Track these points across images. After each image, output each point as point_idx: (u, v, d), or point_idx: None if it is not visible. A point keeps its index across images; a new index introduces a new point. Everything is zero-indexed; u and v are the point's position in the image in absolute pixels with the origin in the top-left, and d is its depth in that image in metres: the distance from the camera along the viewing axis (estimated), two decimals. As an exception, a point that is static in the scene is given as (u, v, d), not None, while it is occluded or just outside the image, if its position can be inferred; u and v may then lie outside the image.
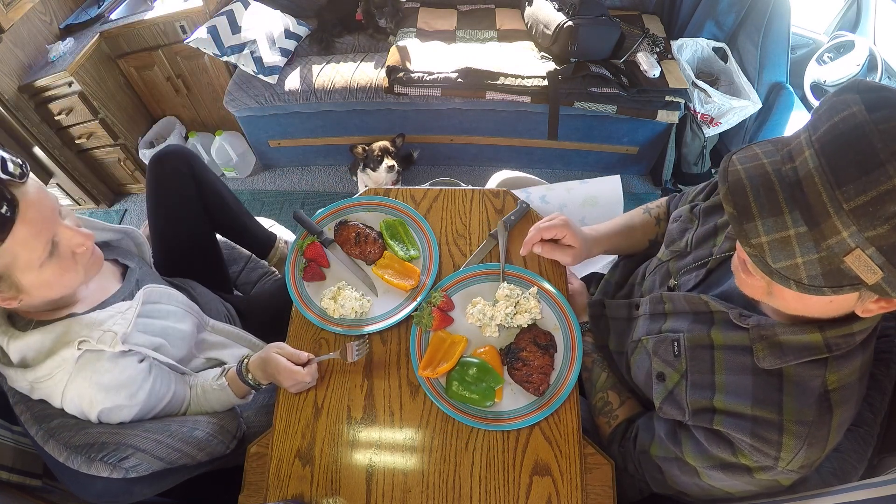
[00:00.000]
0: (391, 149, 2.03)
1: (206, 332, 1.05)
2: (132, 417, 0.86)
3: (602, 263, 1.18)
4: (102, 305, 0.87)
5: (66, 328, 0.81)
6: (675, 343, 0.78)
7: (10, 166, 0.69)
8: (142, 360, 0.87)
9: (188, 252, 1.23)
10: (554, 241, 0.98)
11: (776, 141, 0.57)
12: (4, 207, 0.67)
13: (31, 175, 0.73)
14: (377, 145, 2.02)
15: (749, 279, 0.63)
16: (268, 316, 1.21)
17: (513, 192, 1.17)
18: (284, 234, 1.55)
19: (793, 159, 0.53)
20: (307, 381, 0.91)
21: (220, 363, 1.05)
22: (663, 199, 1.06)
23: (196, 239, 1.26)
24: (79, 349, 0.79)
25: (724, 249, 0.79)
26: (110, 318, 0.84)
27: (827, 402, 0.63)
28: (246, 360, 0.95)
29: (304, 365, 0.91)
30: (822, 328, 0.62)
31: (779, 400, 0.64)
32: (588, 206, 1.22)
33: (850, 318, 0.61)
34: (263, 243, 1.42)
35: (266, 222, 1.51)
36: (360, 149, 2.04)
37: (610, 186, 1.22)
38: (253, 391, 0.97)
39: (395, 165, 2.01)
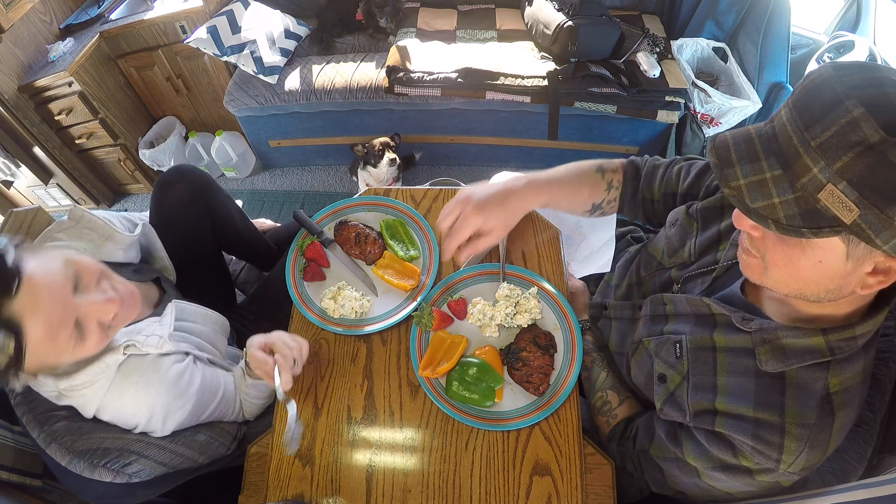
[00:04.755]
0: (391, 144, 2.03)
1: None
2: (186, 418, 0.85)
3: (601, 262, 1.18)
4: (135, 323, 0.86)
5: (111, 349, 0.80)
6: (678, 345, 0.78)
7: (6, 259, 0.63)
8: (183, 359, 0.86)
9: (194, 272, 1.17)
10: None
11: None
12: (12, 327, 0.63)
13: (29, 266, 0.65)
14: (377, 141, 2.03)
15: (748, 258, 0.64)
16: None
17: None
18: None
19: (772, 121, 0.58)
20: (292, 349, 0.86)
21: None
22: (618, 163, 0.98)
23: (203, 259, 1.21)
24: (124, 354, 0.78)
25: (729, 257, 0.78)
26: (147, 327, 0.84)
27: (829, 405, 0.63)
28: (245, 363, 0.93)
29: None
30: (824, 332, 0.62)
31: (780, 403, 0.64)
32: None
33: (853, 320, 0.61)
34: (268, 257, 1.39)
35: (258, 221, 1.50)
36: (360, 147, 2.05)
37: None
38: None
39: (397, 159, 2.01)
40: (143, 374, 0.80)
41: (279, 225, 1.53)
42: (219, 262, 1.29)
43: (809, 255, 0.55)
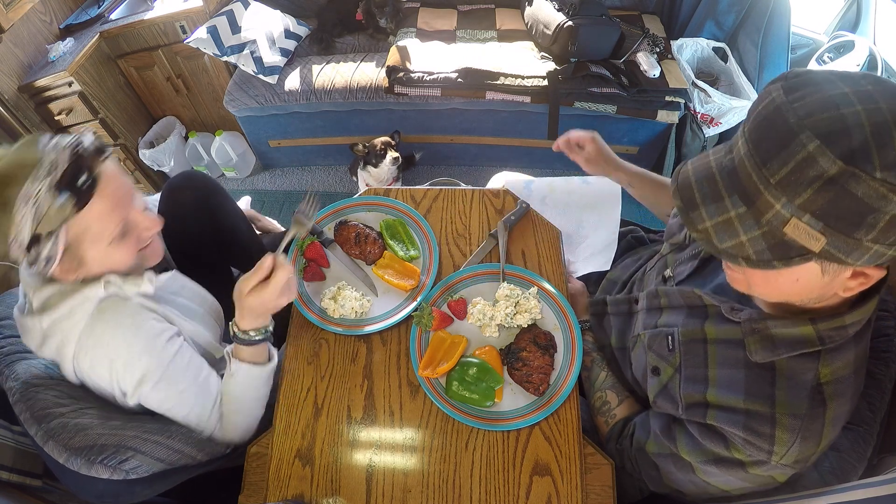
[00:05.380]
0: (392, 143, 2.03)
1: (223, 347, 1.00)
2: (157, 387, 0.81)
3: (601, 261, 1.19)
4: None
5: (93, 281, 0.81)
6: (670, 337, 0.78)
7: (91, 147, 0.74)
8: (168, 327, 0.85)
9: (198, 279, 1.14)
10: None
11: (729, 140, 0.61)
12: (84, 179, 0.71)
13: (112, 157, 0.78)
14: (378, 140, 2.02)
15: (732, 273, 0.66)
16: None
17: (517, 178, 1.20)
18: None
19: (731, 150, 0.58)
20: (289, 276, 0.84)
21: None
22: None
23: (208, 271, 1.17)
24: (104, 290, 0.79)
25: None
26: (141, 277, 0.84)
27: (820, 395, 0.63)
28: (233, 327, 0.88)
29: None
30: (813, 321, 0.62)
31: (771, 393, 0.65)
32: (588, 209, 1.23)
33: (842, 310, 0.62)
34: None
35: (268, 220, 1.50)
36: (360, 146, 2.04)
37: (609, 190, 1.22)
38: (267, 343, 0.89)
39: (399, 157, 2.01)
40: (118, 316, 0.79)
41: (283, 229, 1.52)
42: (223, 271, 1.27)
43: (786, 276, 0.57)
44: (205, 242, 1.17)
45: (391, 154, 2.00)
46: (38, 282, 0.80)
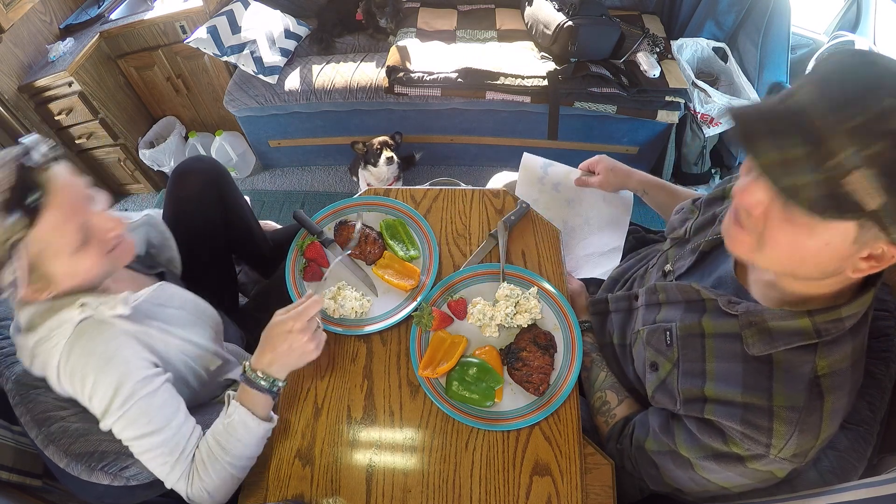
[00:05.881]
0: (390, 142, 2.04)
1: (224, 352, 0.99)
2: (117, 418, 0.76)
3: (601, 270, 1.18)
4: None
5: (74, 298, 0.78)
6: (668, 332, 0.79)
7: (36, 155, 0.70)
8: (151, 367, 0.80)
9: (203, 270, 1.16)
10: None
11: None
12: (32, 196, 0.67)
13: (61, 160, 0.74)
14: (376, 140, 2.03)
15: (739, 234, 0.63)
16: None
17: (536, 159, 1.26)
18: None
19: (794, 95, 0.55)
20: (318, 320, 0.84)
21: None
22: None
23: (213, 259, 1.20)
24: (80, 312, 0.76)
25: (717, 232, 0.80)
26: (119, 296, 0.80)
27: (817, 387, 0.63)
28: (246, 363, 0.85)
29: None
30: (810, 314, 0.63)
31: (768, 386, 0.65)
32: (596, 208, 1.23)
33: (839, 301, 0.62)
34: (271, 260, 1.36)
35: (263, 222, 1.50)
36: (360, 145, 2.05)
37: (622, 194, 1.22)
38: (271, 397, 0.83)
39: (395, 157, 2.01)
40: (92, 343, 0.76)
41: (280, 227, 1.52)
42: (226, 261, 1.28)
43: (818, 236, 0.54)
44: (213, 226, 1.17)
45: (385, 154, 2.00)
46: (17, 303, 0.78)
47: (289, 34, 2.22)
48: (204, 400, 0.97)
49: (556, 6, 2.00)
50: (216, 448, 0.80)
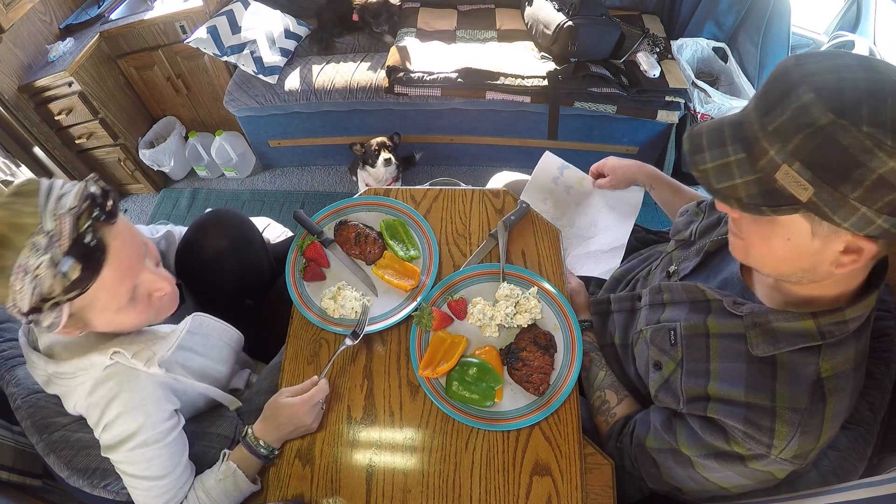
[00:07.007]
0: (388, 143, 2.04)
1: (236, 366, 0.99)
2: (128, 455, 0.76)
3: (603, 268, 1.18)
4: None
5: (103, 335, 0.76)
6: (672, 332, 0.79)
7: (97, 209, 0.64)
8: (172, 416, 0.82)
9: (212, 310, 1.09)
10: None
11: None
12: (90, 251, 0.63)
13: (121, 214, 0.69)
14: (374, 141, 2.03)
15: (734, 240, 0.67)
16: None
17: (556, 159, 1.25)
18: (282, 233, 1.54)
19: (743, 110, 0.61)
20: (320, 400, 0.87)
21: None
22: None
23: (225, 306, 1.12)
24: (111, 359, 0.75)
25: (722, 233, 0.81)
26: (151, 339, 0.78)
27: (821, 389, 0.63)
28: (248, 429, 0.87)
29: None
30: (815, 315, 0.63)
31: (772, 387, 0.65)
32: (604, 211, 1.23)
33: (842, 303, 0.63)
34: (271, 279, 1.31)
35: (262, 221, 1.50)
36: (358, 146, 2.05)
37: (630, 197, 1.22)
38: (264, 462, 0.87)
39: (392, 159, 2.01)
40: (119, 386, 0.75)
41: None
42: (239, 304, 1.24)
43: (779, 232, 0.58)
44: (227, 284, 1.12)
45: (383, 155, 2.00)
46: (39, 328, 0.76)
47: (289, 34, 2.22)
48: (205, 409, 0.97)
49: (556, 6, 1.99)
50: (207, 498, 0.83)
